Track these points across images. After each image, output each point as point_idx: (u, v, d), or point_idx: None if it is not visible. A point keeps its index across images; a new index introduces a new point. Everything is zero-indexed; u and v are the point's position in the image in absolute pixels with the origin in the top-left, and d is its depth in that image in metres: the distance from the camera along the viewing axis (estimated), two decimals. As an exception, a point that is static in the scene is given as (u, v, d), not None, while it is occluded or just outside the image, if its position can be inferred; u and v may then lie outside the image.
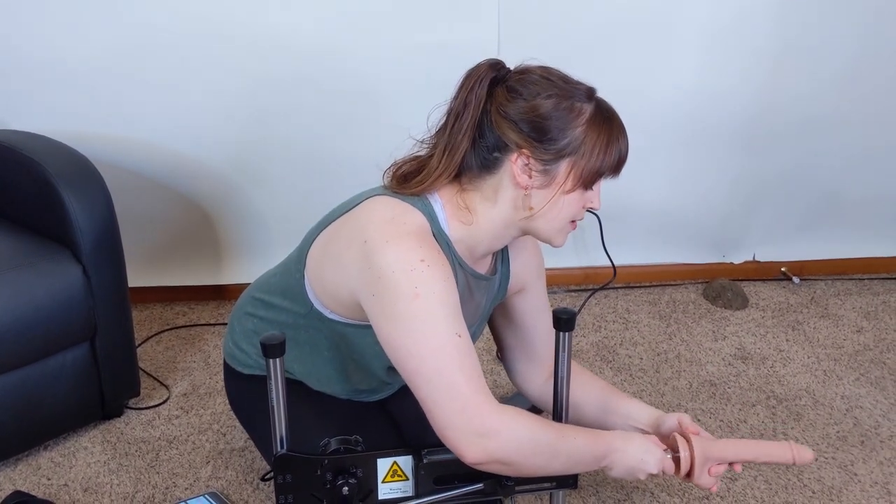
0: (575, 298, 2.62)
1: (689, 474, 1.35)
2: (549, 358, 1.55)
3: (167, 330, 2.37)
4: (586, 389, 1.52)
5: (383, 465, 1.20)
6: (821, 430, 1.98)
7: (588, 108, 1.26)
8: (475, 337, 1.48)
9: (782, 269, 2.74)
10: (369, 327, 1.30)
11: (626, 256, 2.66)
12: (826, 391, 2.13)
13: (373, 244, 1.20)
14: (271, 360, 1.14)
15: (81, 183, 1.80)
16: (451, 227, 1.29)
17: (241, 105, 2.32)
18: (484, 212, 1.29)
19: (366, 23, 2.25)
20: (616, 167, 1.29)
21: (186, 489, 1.76)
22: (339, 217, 1.33)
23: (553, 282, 2.66)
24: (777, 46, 2.42)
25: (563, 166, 1.24)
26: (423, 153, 1.33)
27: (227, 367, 1.58)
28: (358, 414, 1.50)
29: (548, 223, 1.28)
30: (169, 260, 2.51)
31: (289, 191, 2.45)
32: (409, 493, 1.22)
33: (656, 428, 1.43)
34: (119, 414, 1.98)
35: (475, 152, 1.27)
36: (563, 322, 1.24)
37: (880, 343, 2.36)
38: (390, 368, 1.41)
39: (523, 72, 1.28)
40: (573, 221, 1.31)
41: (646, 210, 2.64)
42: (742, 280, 2.69)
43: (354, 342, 1.36)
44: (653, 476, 1.37)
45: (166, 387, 2.11)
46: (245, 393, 1.55)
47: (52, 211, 1.79)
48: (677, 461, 1.34)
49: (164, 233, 2.47)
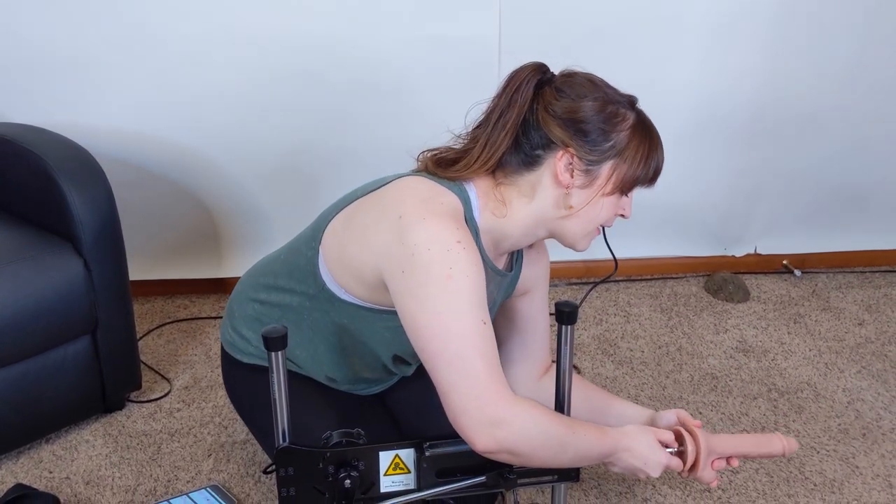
0: (576, 291, 2.62)
1: (692, 468, 1.35)
2: (543, 360, 1.57)
3: (168, 323, 2.37)
4: (576, 393, 1.50)
5: (385, 458, 1.20)
6: (822, 422, 1.98)
7: (631, 115, 1.29)
8: None
9: (784, 262, 2.73)
10: (383, 312, 1.30)
11: (628, 249, 2.65)
12: (827, 384, 2.13)
13: (408, 220, 1.19)
14: (273, 353, 1.14)
15: (82, 176, 1.80)
16: (483, 217, 1.29)
17: (243, 99, 2.31)
18: (520, 207, 1.30)
19: (367, 17, 2.24)
20: (653, 177, 1.32)
21: (188, 482, 1.76)
22: (365, 195, 1.32)
23: (554, 274, 2.65)
24: (778, 42, 2.42)
25: (606, 168, 1.27)
26: (458, 146, 1.34)
27: (225, 356, 1.55)
28: (359, 407, 1.50)
29: (581, 225, 1.30)
30: (170, 253, 2.51)
31: (289, 184, 2.44)
32: (411, 486, 1.22)
33: (652, 425, 1.43)
34: (120, 407, 1.98)
35: (516, 149, 1.28)
36: (565, 315, 1.23)
37: (882, 336, 2.36)
38: (396, 358, 1.41)
39: (569, 75, 1.31)
40: (599, 227, 1.33)
41: (648, 203, 2.62)
42: (743, 273, 2.68)
43: (364, 327, 1.35)
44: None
45: (167, 380, 2.11)
46: (245, 383, 1.52)
47: (53, 204, 1.79)
48: (682, 455, 1.34)
49: (166, 226, 2.47)
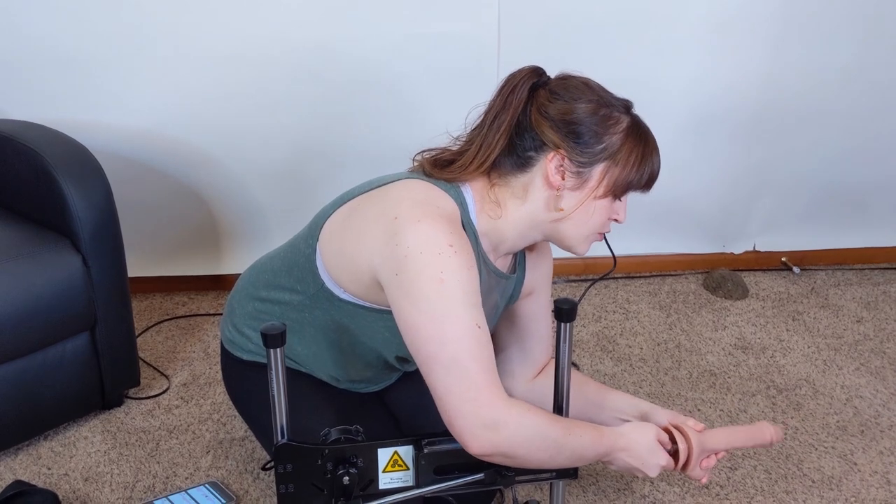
0: (575, 288, 2.62)
1: (684, 466, 1.36)
2: (542, 360, 1.57)
3: (167, 320, 2.37)
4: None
5: (384, 454, 1.20)
6: (821, 419, 1.98)
7: (626, 119, 1.29)
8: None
9: (783, 259, 2.73)
10: (382, 312, 1.30)
11: (627, 246, 2.65)
12: (826, 381, 2.13)
13: (403, 221, 1.19)
14: (272, 350, 1.14)
15: (81, 172, 1.80)
16: (479, 220, 1.30)
17: (242, 95, 2.31)
18: (513, 208, 1.30)
19: (366, 14, 2.24)
20: (648, 183, 1.32)
21: (187, 479, 1.76)
22: (362, 194, 1.32)
23: (554, 272, 2.65)
24: (778, 38, 2.42)
25: (598, 171, 1.27)
26: (455, 148, 1.34)
27: (225, 353, 1.55)
28: (358, 405, 1.50)
29: (575, 228, 1.30)
30: (169, 250, 2.51)
31: (288, 181, 2.44)
32: (410, 483, 1.22)
33: (646, 420, 1.43)
34: (119, 404, 1.98)
35: (510, 151, 1.29)
36: (563, 312, 1.23)
37: (880, 333, 2.36)
38: (399, 357, 1.40)
39: (564, 78, 1.31)
40: (600, 233, 1.33)
41: (646, 200, 2.61)
42: (742, 270, 2.68)
43: (364, 326, 1.35)
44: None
45: (166, 377, 2.11)
46: (245, 380, 1.52)
47: (51, 201, 1.79)
48: (675, 454, 1.34)
49: (164, 223, 2.47)
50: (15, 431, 1.79)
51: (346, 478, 1.17)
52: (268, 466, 1.78)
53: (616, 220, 1.33)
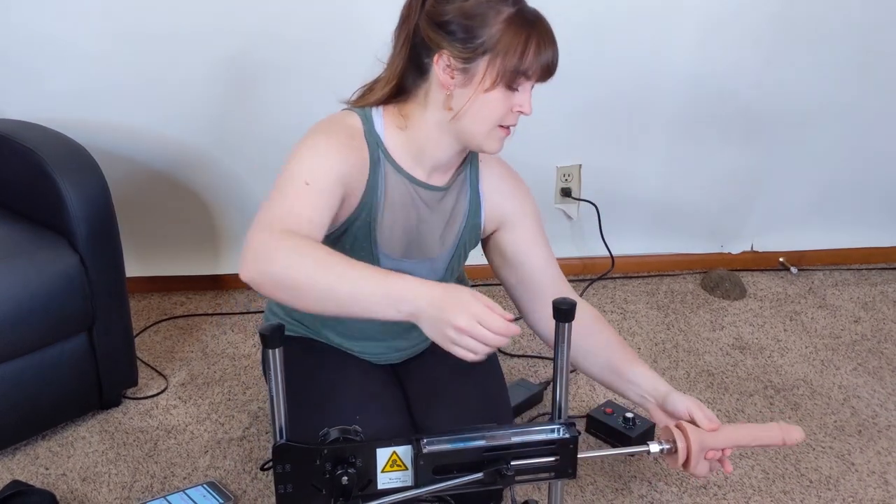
0: (573, 288, 2.62)
1: (685, 464, 1.36)
2: (550, 292, 1.46)
3: (165, 320, 2.37)
4: (596, 341, 1.48)
5: (382, 454, 1.20)
6: (818, 419, 1.98)
7: (508, 10, 1.30)
8: (455, 272, 1.50)
9: (780, 259, 2.74)
10: (337, 237, 1.37)
11: (625, 246, 2.66)
12: (823, 381, 2.13)
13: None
14: (270, 351, 1.14)
15: (78, 172, 1.79)
16: (388, 134, 1.37)
17: (240, 94, 2.31)
18: (419, 116, 1.36)
19: (366, 14, 2.23)
20: (540, 70, 1.30)
21: (184, 479, 1.76)
22: None
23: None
24: (776, 37, 2.42)
25: (482, 65, 1.28)
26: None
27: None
28: (361, 398, 1.50)
29: (473, 125, 1.32)
30: (167, 250, 2.50)
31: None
32: (409, 483, 1.22)
33: (662, 404, 1.41)
34: (117, 404, 1.97)
35: (411, 63, 1.35)
36: (562, 312, 1.23)
37: (878, 333, 2.37)
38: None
39: None
40: (504, 127, 1.33)
41: (644, 200, 2.64)
42: (740, 270, 2.69)
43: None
44: (632, 457, 1.36)
45: (164, 377, 2.11)
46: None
47: (48, 200, 1.78)
48: (675, 452, 1.34)
49: (162, 222, 2.47)
50: (12, 431, 1.79)
51: (345, 478, 1.17)
52: (266, 466, 1.78)
53: (522, 112, 1.32)
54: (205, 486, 1.71)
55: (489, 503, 1.52)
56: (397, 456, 1.21)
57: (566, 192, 2.58)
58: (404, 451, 1.21)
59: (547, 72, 1.32)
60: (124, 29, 2.20)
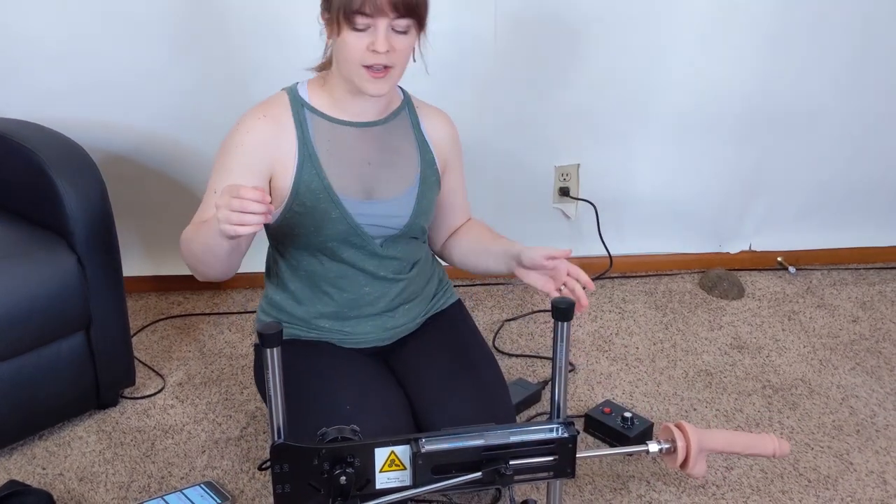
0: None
1: (684, 464, 1.36)
2: (457, 225, 1.74)
3: (162, 319, 2.37)
4: (471, 235, 1.71)
5: (381, 454, 1.20)
6: (816, 419, 1.98)
7: None
8: (426, 213, 1.60)
9: (778, 259, 2.74)
10: (293, 213, 1.52)
11: (623, 246, 2.66)
12: (822, 380, 2.13)
13: None
14: (268, 350, 1.14)
15: (75, 171, 1.79)
16: (312, 93, 1.55)
17: (237, 93, 2.30)
18: (332, 72, 1.54)
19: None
20: (375, 7, 1.38)
21: (182, 479, 1.75)
22: None
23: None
24: (774, 37, 2.42)
25: (332, 15, 1.44)
26: None
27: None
28: (360, 398, 1.49)
29: (342, 68, 1.48)
30: (164, 249, 2.50)
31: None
32: (407, 483, 1.22)
33: (520, 262, 1.52)
34: (114, 403, 1.97)
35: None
36: (561, 312, 1.23)
37: (876, 332, 2.37)
38: (334, 244, 1.54)
39: None
40: (368, 67, 1.43)
41: (642, 200, 2.63)
42: (738, 270, 2.69)
43: (291, 236, 1.55)
44: (630, 456, 1.37)
45: (161, 376, 2.10)
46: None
47: (45, 200, 1.78)
48: (674, 452, 1.34)
49: (159, 222, 2.46)
50: (9, 431, 1.79)
51: (343, 478, 1.17)
52: (264, 466, 1.78)
53: (375, 51, 1.41)
54: (202, 486, 1.71)
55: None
56: (396, 455, 1.21)
57: (564, 192, 2.58)
58: (403, 451, 1.21)
59: (389, 6, 1.38)
60: (123, 28, 2.20)
